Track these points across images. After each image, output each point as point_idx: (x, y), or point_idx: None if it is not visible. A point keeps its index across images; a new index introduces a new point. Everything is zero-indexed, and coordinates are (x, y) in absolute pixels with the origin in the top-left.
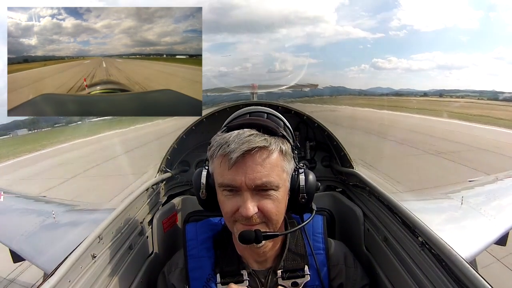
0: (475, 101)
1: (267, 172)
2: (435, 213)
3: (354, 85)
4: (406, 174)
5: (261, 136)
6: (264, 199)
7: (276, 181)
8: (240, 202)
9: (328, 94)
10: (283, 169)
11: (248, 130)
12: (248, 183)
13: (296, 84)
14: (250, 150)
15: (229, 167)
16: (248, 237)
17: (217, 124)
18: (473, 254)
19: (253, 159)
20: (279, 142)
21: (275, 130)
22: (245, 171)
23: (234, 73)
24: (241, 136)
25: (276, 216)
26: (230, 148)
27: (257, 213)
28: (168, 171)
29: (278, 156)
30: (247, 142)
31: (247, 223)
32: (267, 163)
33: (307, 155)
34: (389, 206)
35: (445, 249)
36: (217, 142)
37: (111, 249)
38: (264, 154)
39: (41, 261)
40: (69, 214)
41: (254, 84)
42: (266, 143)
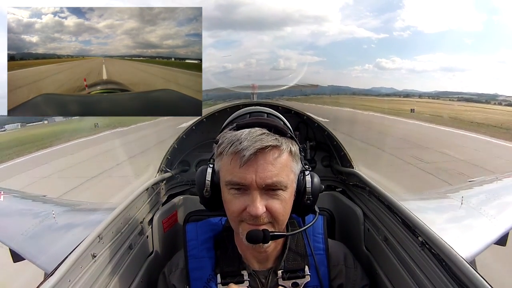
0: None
1: (277, 171)
2: (435, 213)
3: (357, 84)
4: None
5: (272, 136)
6: (272, 199)
7: (285, 181)
8: (248, 201)
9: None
10: (292, 170)
11: (259, 129)
12: (258, 182)
13: (296, 84)
14: (264, 148)
15: (240, 165)
16: (256, 236)
17: (217, 124)
18: (473, 254)
19: (265, 158)
20: (289, 143)
21: (285, 131)
22: (256, 169)
23: (238, 69)
24: (253, 134)
25: (283, 217)
26: (242, 145)
27: (265, 212)
28: (168, 171)
29: (288, 157)
30: (260, 141)
31: (254, 222)
32: (278, 163)
33: (307, 155)
34: (389, 206)
35: (445, 249)
36: (227, 139)
37: (111, 249)
38: (276, 154)
39: (41, 261)
40: (69, 214)
41: (254, 84)
42: (278, 142)
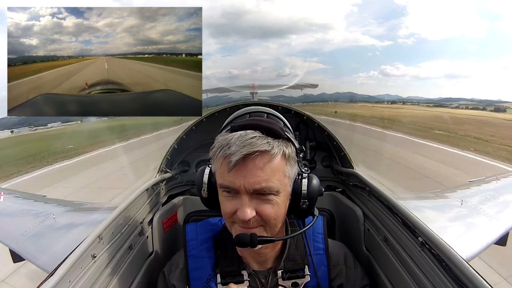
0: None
1: (267, 177)
2: (435, 213)
3: (362, 91)
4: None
5: (264, 139)
6: (263, 203)
7: (276, 186)
8: (238, 205)
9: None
10: (285, 174)
11: (251, 132)
12: (247, 187)
13: (296, 84)
14: (251, 154)
15: (228, 170)
16: (243, 240)
17: (217, 124)
18: (473, 254)
19: (254, 163)
20: (282, 146)
21: (279, 132)
22: (244, 174)
23: (244, 75)
24: (243, 138)
25: (274, 221)
26: (230, 150)
27: (255, 216)
28: (168, 171)
29: (280, 161)
30: (248, 146)
31: (245, 225)
32: (267, 168)
33: (307, 155)
34: (389, 206)
35: (445, 249)
36: (219, 142)
37: (111, 249)
38: (265, 159)
39: (41, 261)
40: (69, 214)
41: (254, 84)
42: (268, 147)
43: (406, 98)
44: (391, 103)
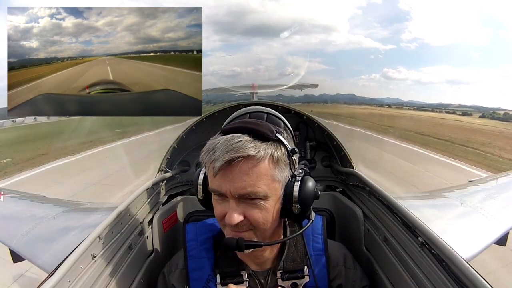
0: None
1: (253, 182)
2: (435, 213)
3: (363, 93)
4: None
5: (251, 143)
6: (251, 207)
7: (263, 191)
8: (227, 209)
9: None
10: (274, 178)
11: (239, 135)
12: (232, 192)
13: (296, 84)
14: (233, 159)
15: (214, 175)
16: (230, 245)
17: (217, 124)
18: (473, 254)
19: (239, 168)
20: (270, 149)
21: (268, 135)
22: (230, 179)
23: (247, 73)
24: (228, 143)
25: (263, 225)
26: (215, 155)
27: (244, 220)
28: (168, 171)
29: (267, 165)
30: (232, 151)
31: (234, 229)
32: (253, 173)
33: (307, 155)
34: (389, 206)
35: (445, 249)
36: (206, 147)
37: (111, 249)
38: (251, 163)
39: (41, 261)
40: (69, 214)
41: (254, 84)
42: (253, 151)
43: (407, 102)
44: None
